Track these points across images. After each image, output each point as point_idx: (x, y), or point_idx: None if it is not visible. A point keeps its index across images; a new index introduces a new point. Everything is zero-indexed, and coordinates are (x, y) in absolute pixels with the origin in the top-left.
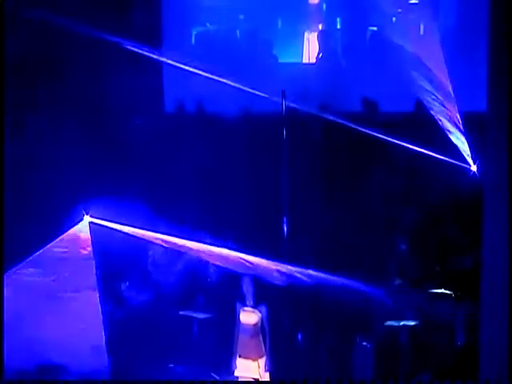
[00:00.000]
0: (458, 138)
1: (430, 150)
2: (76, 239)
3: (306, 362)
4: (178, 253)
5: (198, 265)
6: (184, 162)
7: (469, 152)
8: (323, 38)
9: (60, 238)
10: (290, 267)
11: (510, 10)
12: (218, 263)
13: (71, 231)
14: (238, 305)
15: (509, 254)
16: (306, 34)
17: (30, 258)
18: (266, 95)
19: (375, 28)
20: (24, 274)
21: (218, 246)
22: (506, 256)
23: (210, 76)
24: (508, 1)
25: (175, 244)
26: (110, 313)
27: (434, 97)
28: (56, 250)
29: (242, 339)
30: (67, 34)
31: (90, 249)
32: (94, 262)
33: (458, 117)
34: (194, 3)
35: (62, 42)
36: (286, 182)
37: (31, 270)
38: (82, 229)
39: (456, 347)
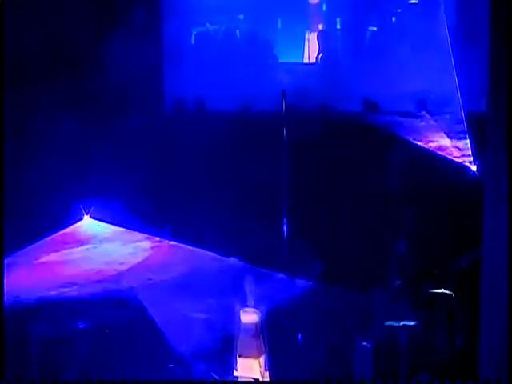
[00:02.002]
0: (458, 137)
1: (430, 150)
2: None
3: (306, 362)
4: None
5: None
6: (183, 161)
7: (469, 152)
8: (323, 38)
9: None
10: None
11: (511, 10)
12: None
13: (70, 230)
14: (237, 305)
15: (509, 253)
16: (306, 34)
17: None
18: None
19: (375, 28)
20: None
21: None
22: (506, 256)
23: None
24: (508, 1)
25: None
26: (110, 313)
27: (434, 96)
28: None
29: (243, 339)
30: (66, 34)
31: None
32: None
33: (460, 116)
34: (193, 3)
35: (62, 42)
36: (286, 182)
37: None
38: (82, 228)
39: (456, 347)
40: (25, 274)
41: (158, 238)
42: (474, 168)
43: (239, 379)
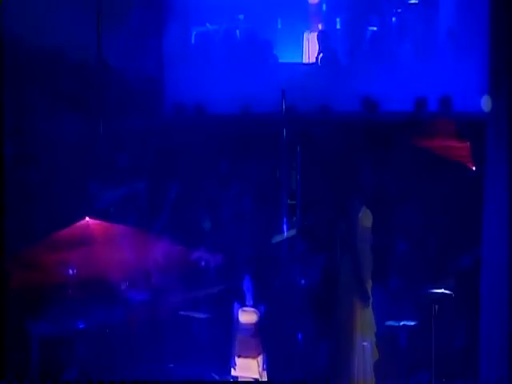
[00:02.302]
0: (458, 137)
1: (430, 150)
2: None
3: (305, 362)
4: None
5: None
6: (183, 161)
7: (470, 152)
8: (323, 37)
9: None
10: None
11: (510, 11)
12: None
13: (71, 230)
14: (235, 305)
15: (509, 253)
16: (305, 34)
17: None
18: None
19: (375, 28)
20: None
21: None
22: (506, 256)
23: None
24: (508, 1)
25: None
26: (110, 313)
27: (434, 96)
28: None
29: (243, 339)
30: (67, 34)
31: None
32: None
33: (460, 116)
34: (193, 3)
35: (62, 42)
36: (286, 182)
37: None
38: (82, 228)
39: (456, 347)
40: (25, 273)
41: (158, 238)
42: (473, 168)
43: (239, 379)
